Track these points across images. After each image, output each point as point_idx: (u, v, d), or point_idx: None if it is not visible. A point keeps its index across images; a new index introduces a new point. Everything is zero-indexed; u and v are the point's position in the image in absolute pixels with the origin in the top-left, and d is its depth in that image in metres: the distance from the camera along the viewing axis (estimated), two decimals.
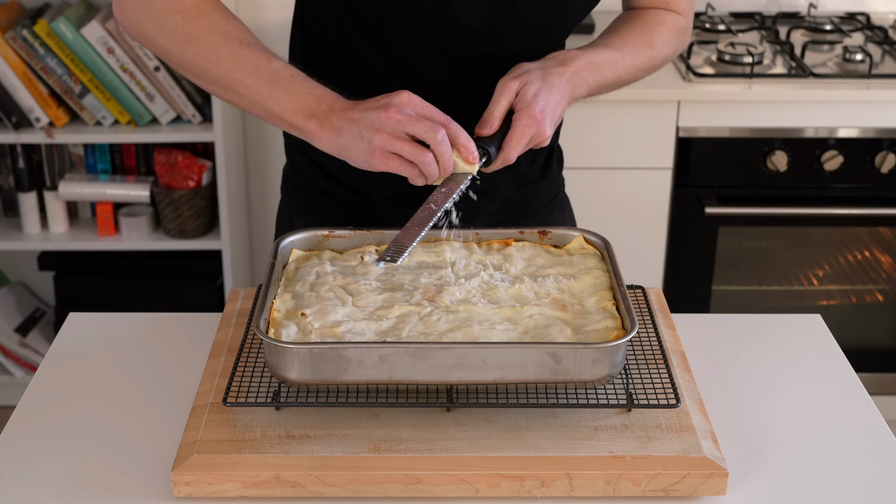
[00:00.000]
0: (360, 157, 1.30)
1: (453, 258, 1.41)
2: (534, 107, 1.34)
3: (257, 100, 1.35)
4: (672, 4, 1.56)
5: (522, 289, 1.34)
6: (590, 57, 1.44)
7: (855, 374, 1.44)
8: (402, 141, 1.27)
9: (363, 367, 1.20)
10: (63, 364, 1.44)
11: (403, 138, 1.28)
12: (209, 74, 1.37)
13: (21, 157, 2.91)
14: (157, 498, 1.19)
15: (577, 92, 1.42)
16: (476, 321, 1.27)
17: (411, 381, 1.21)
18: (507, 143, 1.34)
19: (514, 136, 1.34)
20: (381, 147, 1.27)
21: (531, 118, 1.33)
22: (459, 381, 1.22)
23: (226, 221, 2.88)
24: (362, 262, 1.40)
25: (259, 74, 1.35)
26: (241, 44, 1.37)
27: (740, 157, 2.67)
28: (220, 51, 1.36)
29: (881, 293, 3.00)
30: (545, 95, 1.35)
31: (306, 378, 1.21)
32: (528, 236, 1.46)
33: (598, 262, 1.41)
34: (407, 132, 1.28)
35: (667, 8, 1.56)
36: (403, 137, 1.28)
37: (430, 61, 1.47)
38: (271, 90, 1.34)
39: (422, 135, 1.27)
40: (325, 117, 1.31)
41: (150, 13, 1.39)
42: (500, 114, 1.35)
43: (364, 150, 1.29)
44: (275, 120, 1.36)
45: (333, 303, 1.31)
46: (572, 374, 1.21)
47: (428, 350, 1.20)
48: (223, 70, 1.36)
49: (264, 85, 1.35)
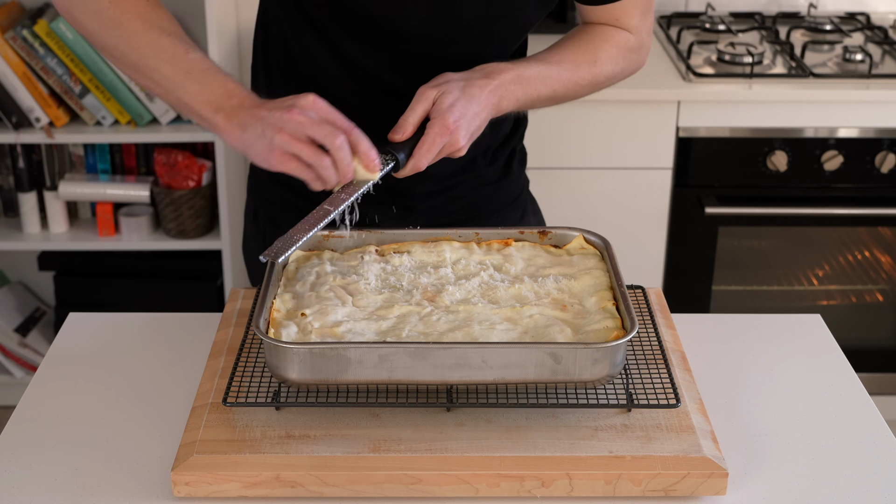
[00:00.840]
0: (260, 155, 1.29)
1: (453, 258, 1.41)
2: (448, 116, 1.34)
3: (171, 88, 1.36)
4: (622, 22, 1.54)
5: (522, 289, 1.34)
6: (520, 71, 1.43)
7: (855, 374, 1.44)
8: (302, 143, 1.27)
9: (363, 367, 1.20)
10: (63, 364, 1.44)
11: (303, 140, 1.27)
12: (128, 59, 1.39)
13: (21, 157, 2.91)
14: (157, 498, 1.19)
15: (503, 105, 1.42)
16: (476, 321, 1.27)
17: (411, 381, 1.21)
18: (418, 150, 1.34)
19: (424, 143, 1.34)
20: (281, 147, 1.27)
21: (444, 127, 1.33)
22: (459, 381, 1.21)
23: (226, 221, 2.88)
24: (362, 261, 1.40)
25: (175, 63, 1.36)
26: (163, 32, 1.38)
27: (740, 157, 2.67)
28: (140, 36, 1.37)
29: (881, 293, 2.99)
30: (462, 106, 1.35)
31: (306, 378, 1.21)
32: (528, 236, 1.46)
33: (598, 262, 1.41)
34: (308, 135, 1.27)
35: (616, 25, 1.55)
36: (303, 139, 1.27)
37: (377, 60, 1.49)
38: (185, 80, 1.35)
39: (321, 138, 1.27)
40: (233, 112, 1.32)
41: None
42: (413, 121, 1.35)
43: (264, 148, 1.28)
44: (186, 110, 1.37)
45: (333, 303, 1.30)
46: (572, 374, 1.21)
47: (428, 350, 1.20)
48: (141, 56, 1.37)
49: (179, 74, 1.35)
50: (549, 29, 2.93)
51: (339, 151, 1.27)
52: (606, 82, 1.55)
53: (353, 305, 1.31)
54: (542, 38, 2.86)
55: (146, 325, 1.53)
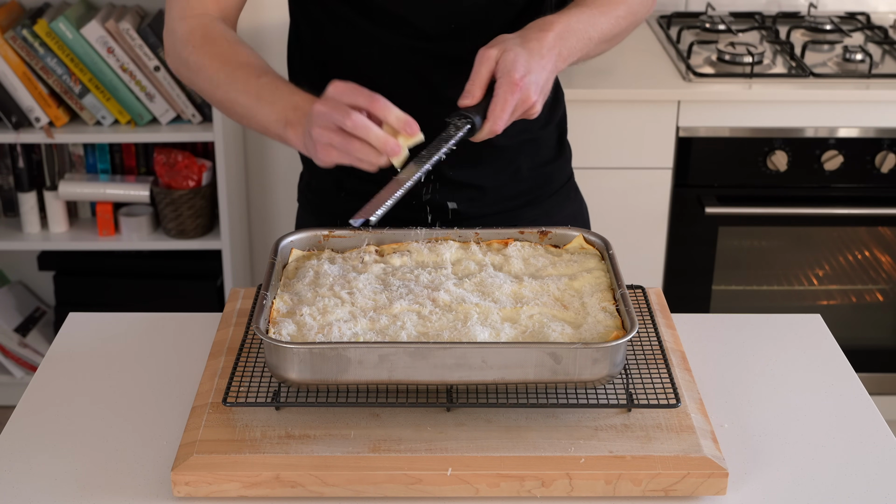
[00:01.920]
0: (313, 156, 1.29)
1: (453, 258, 1.41)
2: (514, 73, 1.31)
3: (248, 115, 1.38)
4: None
5: (522, 289, 1.34)
6: (567, 20, 1.42)
7: (855, 374, 1.44)
8: (331, 132, 1.25)
9: (363, 367, 1.20)
10: (63, 364, 1.44)
11: (332, 129, 1.25)
12: (214, 98, 1.43)
13: (21, 156, 2.91)
14: (157, 498, 1.19)
15: (564, 56, 1.40)
16: (476, 321, 1.27)
17: (411, 381, 1.21)
18: (491, 112, 1.32)
19: (497, 104, 1.31)
20: (320, 141, 1.26)
21: (512, 84, 1.31)
22: (459, 381, 1.22)
23: (226, 221, 2.88)
24: (363, 262, 1.40)
25: (248, 91, 1.37)
26: (239, 66, 1.40)
27: (740, 157, 2.67)
28: (219, 74, 1.40)
29: (881, 293, 2.99)
30: (525, 60, 1.33)
31: (306, 378, 1.21)
32: (527, 236, 1.46)
33: (598, 263, 1.41)
34: (334, 122, 1.25)
35: None
36: (332, 128, 1.25)
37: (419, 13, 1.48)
38: (256, 105, 1.36)
39: (339, 123, 1.25)
40: (299, 122, 1.32)
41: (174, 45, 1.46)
42: (480, 82, 1.33)
43: (311, 147, 1.28)
44: (267, 134, 1.38)
45: (333, 302, 1.30)
46: (572, 374, 1.21)
47: (428, 350, 1.20)
48: (223, 92, 1.40)
49: (251, 100, 1.37)
50: None
51: (359, 130, 1.24)
52: (641, 13, 1.54)
53: (352, 305, 1.31)
54: None
55: (146, 325, 1.53)
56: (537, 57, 1.35)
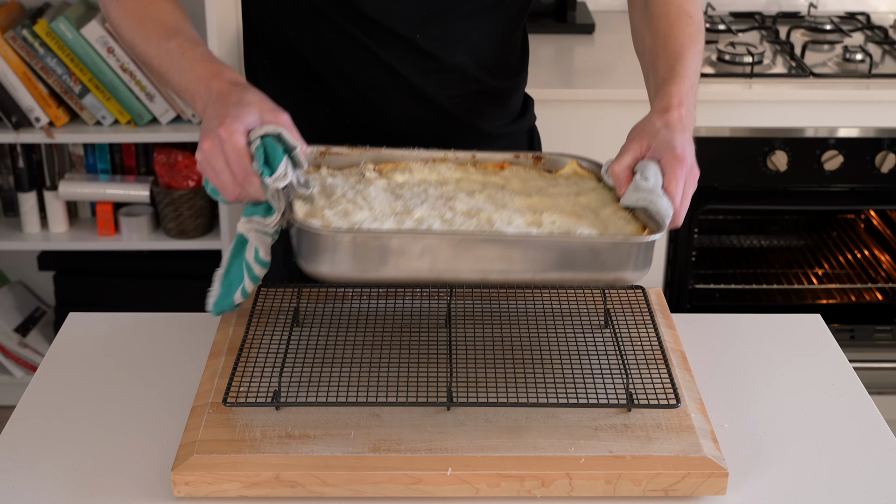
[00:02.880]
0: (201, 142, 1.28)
1: (455, 177, 1.40)
2: (675, 148, 1.31)
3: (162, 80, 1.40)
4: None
5: (532, 202, 1.33)
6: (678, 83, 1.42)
7: (855, 374, 1.44)
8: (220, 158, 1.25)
9: (405, 258, 1.18)
10: (63, 364, 1.44)
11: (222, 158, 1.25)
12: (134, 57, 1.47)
13: (21, 156, 2.91)
14: (157, 498, 1.19)
15: (692, 113, 1.40)
16: (501, 224, 1.26)
17: (451, 278, 1.19)
18: (673, 198, 1.30)
19: (673, 186, 1.30)
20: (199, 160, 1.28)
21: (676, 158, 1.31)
22: (500, 278, 1.20)
23: (226, 221, 2.88)
24: (363, 178, 1.38)
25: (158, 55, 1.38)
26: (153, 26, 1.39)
27: (740, 156, 2.67)
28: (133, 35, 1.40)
29: (881, 293, 3.00)
30: (681, 138, 1.33)
31: (341, 271, 1.18)
32: (522, 160, 1.45)
33: (597, 184, 1.40)
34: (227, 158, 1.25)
35: None
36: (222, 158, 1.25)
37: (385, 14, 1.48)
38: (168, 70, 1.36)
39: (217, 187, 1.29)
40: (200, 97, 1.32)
41: None
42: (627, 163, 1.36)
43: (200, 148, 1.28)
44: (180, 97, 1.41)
45: (352, 206, 1.27)
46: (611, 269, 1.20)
47: (473, 242, 1.19)
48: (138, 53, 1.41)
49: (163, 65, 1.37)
50: (550, 29, 2.94)
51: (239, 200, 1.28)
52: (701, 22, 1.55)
53: (370, 209, 1.27)
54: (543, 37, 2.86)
55: (146, 325, 1.53)
56: (685, 134, 1.35)
